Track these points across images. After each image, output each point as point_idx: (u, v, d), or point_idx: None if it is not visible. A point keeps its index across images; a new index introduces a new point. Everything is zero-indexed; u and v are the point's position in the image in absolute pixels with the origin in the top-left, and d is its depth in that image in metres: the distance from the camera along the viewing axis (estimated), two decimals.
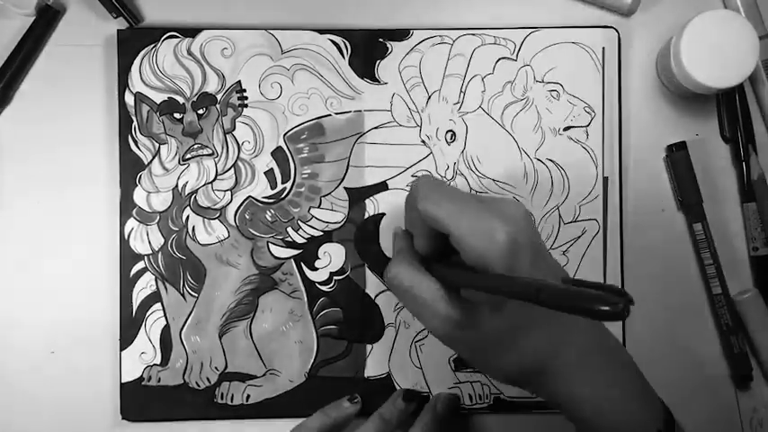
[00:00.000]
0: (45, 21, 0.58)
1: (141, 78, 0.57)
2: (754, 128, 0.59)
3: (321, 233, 0.57)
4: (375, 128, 0.58)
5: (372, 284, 0.57)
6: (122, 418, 0.57)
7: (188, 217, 0.57)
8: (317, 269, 0.58)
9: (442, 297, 0.44)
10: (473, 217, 0.42)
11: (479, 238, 0.41)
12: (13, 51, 0.58)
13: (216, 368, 0.57)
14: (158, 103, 0.57)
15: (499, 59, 0.57)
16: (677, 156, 0.58)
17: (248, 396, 0.57)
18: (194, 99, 0.57)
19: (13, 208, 0.58)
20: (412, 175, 0.57)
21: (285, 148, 0.57)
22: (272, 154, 0.57)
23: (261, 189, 0.57)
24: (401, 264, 0.46)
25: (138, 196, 0.57)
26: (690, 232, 0.59)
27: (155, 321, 0.57)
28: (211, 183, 0.57)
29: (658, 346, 0.59)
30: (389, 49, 0.57)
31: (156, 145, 0.57)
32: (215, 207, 0.57)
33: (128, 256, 0.57)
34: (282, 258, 0.57)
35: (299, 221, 0.57)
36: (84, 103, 0.58)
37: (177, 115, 0.57)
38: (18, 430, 0.58)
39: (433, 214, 0.43)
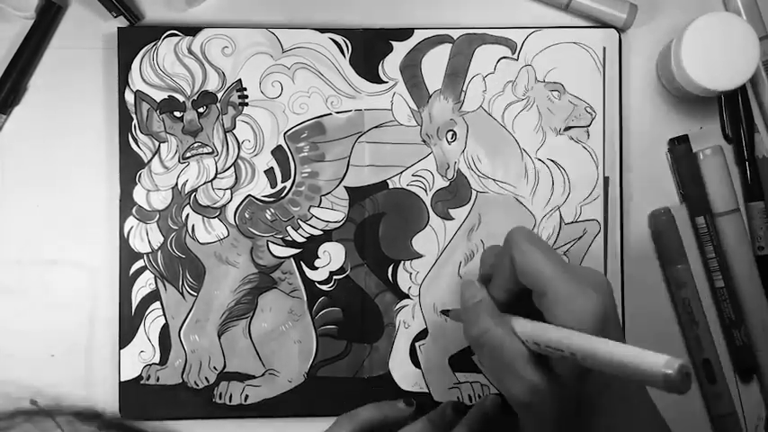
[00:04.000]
0: (46, 21, 0.58)
1: (141, 77, 0.57)
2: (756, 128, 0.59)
3: (321, 232, 0.57)
4: (375, 127, 0.57)
5: (372, 284, 0.57)
6: (121, 417, 0.57)
7: (188, 215, 0.57)
8: (316, 268, 0.57)
9: (529, 361, 0.42)
10: (570, 282, 0.41)
11: (575, 304, 0.41)
12: (17, 52, 0.58)
13: (215, 368, 0.57)
14: (158, 101, 0.57)
15: (500, 59, 0.57)
16: (680, 149, 0.58)
17: (247, 396, 0.57)
18: (195, 97, 0.57)
19: (13, 206, 0.58)
20: (413, 174, 0.57)
21: (285, 146, 0.57)
22: (273, 153, 0.57)
23: (261, 188, 0.57)
24: (488, 320, 0.44)
25: (138, 194, 0.57)
26: (692, 225, 0.59)
27: (154, 320, 0.57)
28: (211, 181, 0.57)
29: (659, 344, 0.58)
30: (390, 48, 0.57)
31: (156, 143, 0.57)
32: (215, 206, 0.57)
33: (127, 255, 0.57)
34: (282, 257, 0.57)
35: (299, 220, 0.57)
36: (84, 102, 0.58)
37: (177, 114, 0.57)
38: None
39: (532, 271, 0.42)
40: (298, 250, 0.57)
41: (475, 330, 0.45)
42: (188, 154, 0.57)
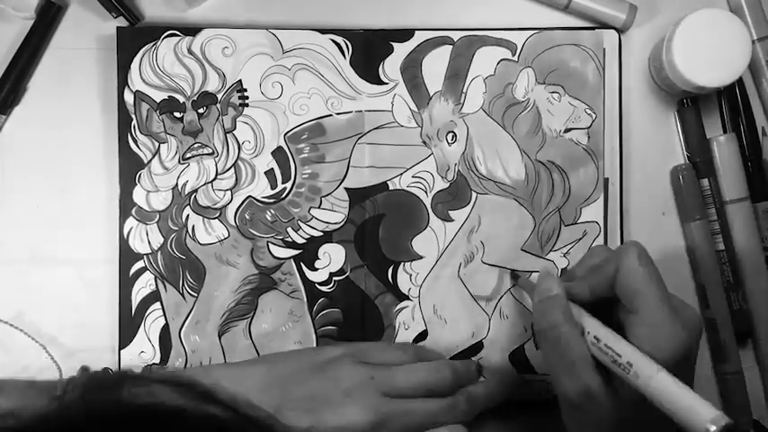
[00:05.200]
0: (46, 21, 0.58)
1: (141, 77, 0.57)
2: (759, 127, 0.59)
3: (321, 233, 0.57)
4: (376, 128, 0.57)
5: (371, 285, 0.57)
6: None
7: (188, 216, 0.57)
8: (316, 269, 0.57)
9: (592, 365, 0.43)
10: (666, 313, 0.42)
11: (662, 333, 0.41)
12: (17, 52, 0.57)
13: None
14: (158, 101, 0.57)
15: (500, 61, 0.57)
16: (687, 110, 0.58)
17: None
18: (195, 98, 0.57)
19: (13, 207, 0.58)
20: (413, 176, 0.57)
21: (286, 147, 0.57)
22: (273, 154, 0.57)
23: (261, 189, 0.57)
24: (560, 316, 0.45)
25: (138, 195, 0.57)
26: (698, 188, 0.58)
27: (154, 320, 0.57)
28: (211, 182, 0.57)
29: None
30: (391, 50, 0.57)
31: (156, 144, 0.57)
32: (215, 207, 0.57)
33: (127, 256, 0.57)
34: (282, 258, 0.57)
35: (299, 222, 0.57)
36: (83, 103, 0.58)
37: (177, 114, 0.57)
38: None
39: (633, 288, 0.43)
40: (298, 251, 0.57)
41: (545, 323, 0.45)
42: (188, 155, 0.57)
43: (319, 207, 0.57)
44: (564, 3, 0.58)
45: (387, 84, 0.57)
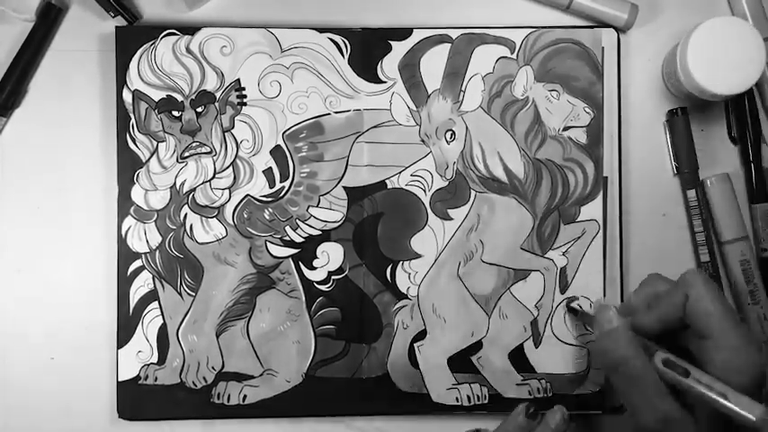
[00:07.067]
0: (46, 23, 0.58)
1: (139, 76, 0.57)
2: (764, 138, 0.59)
3: (319, 232, 0.57)
4: (374, 127, 0.57)
5: (370, 284, 0.57)
6: (119, 417, 0.57)
7: (186, 215, 0.57)
8: (315, 268, 0.57)
9: (667, 393, 0.43)
10: (740, 335, 0.43)
11: (741, 356, 0.42)
12: (17, 54, 0.58)
13: (213, 368, 0.57)
14: (156, 100, 0.57)
15: (499, 59, 0.57)
16: (677, 120, 0.58)
17: (245, 396, 0.57)
18: (193, 97, 0.57)
19: (12, 206, 0.58)
20: (411, 174, 0.57)
21: (284, 146, 0.57)
22: (271, 153, 0.57)
23: (259, 188, 0.57)
24: (629, 349, 0.45)
25: (136, 194, 0.57)
26: (684, 199, 0.58)
27: (152, 320, 0.57)
28: (209, 181, 0.57)
29: None
30: (389, 48, 0.57)
31: (155, 143, 0.57)
32: (213, 205, 0.57)
33: (125, 255, 0.57)
34: (280, 257, 0.57)
35: (298, 220, 0.57)
36: (82, 104, 0.58)
37: (176, 113, 0.57)
38: (14, 428, 0.58)
39: (705, 313, 0.43)
40: (296, 250, 0.57)
41: (613, 356, 0.46)
42: (186, 153, 0.57)
43: (318, 206, 0.57)
44: (565, 3, 0.58)
45: (385, 82, 0.57)
